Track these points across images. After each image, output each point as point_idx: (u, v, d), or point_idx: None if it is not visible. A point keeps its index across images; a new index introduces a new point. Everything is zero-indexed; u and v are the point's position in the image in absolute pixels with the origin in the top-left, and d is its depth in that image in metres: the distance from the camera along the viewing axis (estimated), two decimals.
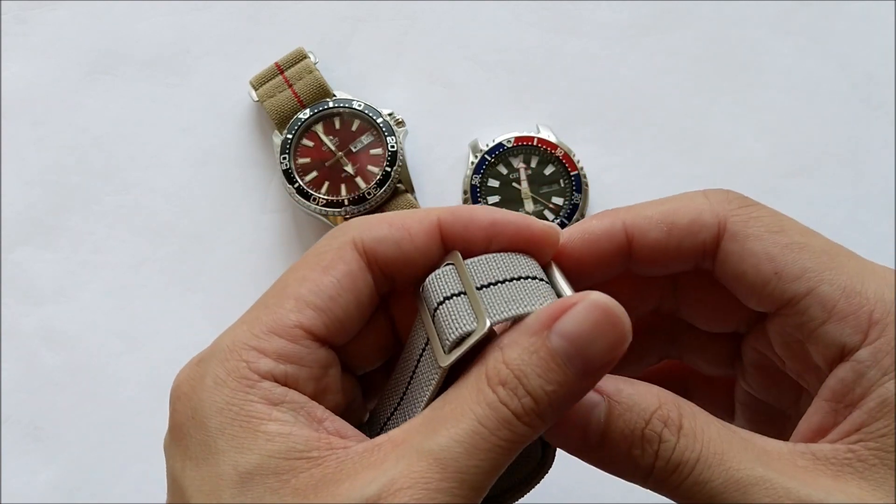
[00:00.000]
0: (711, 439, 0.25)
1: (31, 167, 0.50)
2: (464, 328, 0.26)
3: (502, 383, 0.24)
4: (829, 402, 0.26)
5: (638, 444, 0.25)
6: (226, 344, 0.26)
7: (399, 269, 0.28)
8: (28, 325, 0.49)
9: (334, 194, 0.47)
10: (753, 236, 0.27)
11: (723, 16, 0.51)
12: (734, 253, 0.28)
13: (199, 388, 0.26)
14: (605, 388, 0.26)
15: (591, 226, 0.29)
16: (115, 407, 0.48)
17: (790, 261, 0.27)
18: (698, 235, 0.28)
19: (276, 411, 0.25)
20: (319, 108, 0.48)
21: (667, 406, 0.26)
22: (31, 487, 0.47)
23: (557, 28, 0.51)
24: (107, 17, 0.51)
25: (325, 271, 0.27)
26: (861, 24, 0.51)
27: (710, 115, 0.51)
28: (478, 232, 0.28)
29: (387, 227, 0.28)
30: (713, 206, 0.28)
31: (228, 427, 0.25)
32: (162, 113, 0.51)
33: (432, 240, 0.28)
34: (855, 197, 0.50)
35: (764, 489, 0.24)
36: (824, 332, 0.26)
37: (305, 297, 0.26)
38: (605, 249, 0.29)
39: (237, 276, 0.49)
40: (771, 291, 0.27)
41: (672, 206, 0.29)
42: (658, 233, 0.28)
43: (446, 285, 0.27)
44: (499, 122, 0.50)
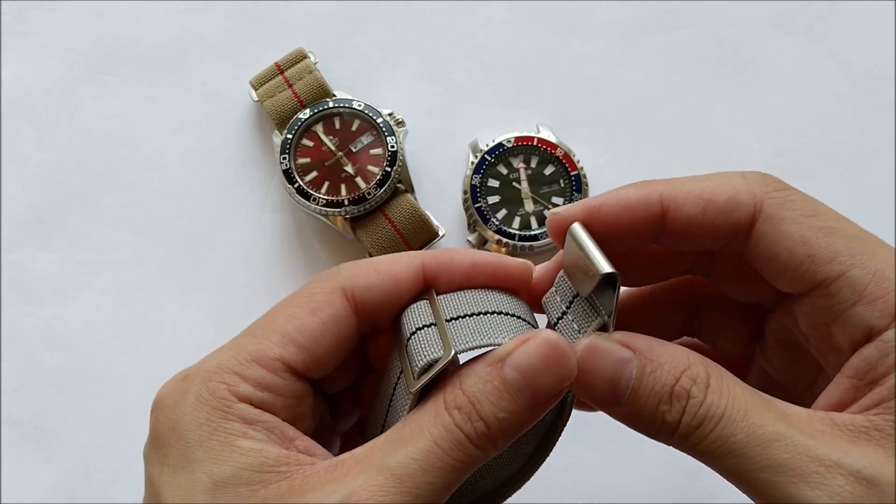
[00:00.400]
0: (736, 397, 0.26)
1: (31, 167, 0.50)
2: (431, 356, 0.27)
3: (458, 408, 0.26)
4: (851, 379, 0.27)
5: (667, 400, 0.26)
6: (211, 366, 0.28)
7: (385, 312, 0.30)
8: (28, 325, 0.49)
9: (334, 194, 0.47)
10: (789, 219, 0.28)
11: (723, 16, 0.51)
12: (769, 234, 0.28)
13: (181, 403, 0.28)
14: (638, 344, 0.27)
15: (627, 193, 0.29)
16: (115, 407, 0.48)
17: (823, 244, 0.27)
18: (733, 214, 0.29)
19: (250, 430, 0.27)
20: (319, 108, 0.48)
21: (696, 366, 0.27)
22: (31, 487, 0.47)
23: (557, 28, 0.51)
24: (107, 17, 0.52)
25: (313, 313, 0.29)
26: (861, 24, 0.51)
27: (710, 115, 0.51)
28: (458, 273, 0.30)
29: (375, 276, 0.30)
30: (750, 187, 0.29)
31: (206, 440, 0.27)
32: (162, 113, 0.51)
33: (417, 284, 0.30)
34: (855, 197, 0.50)
35: (783, 445, 0.25)
36: (853, 314, 0.27)
37: (291, 334, 0.29)
38: (638, 218, 0.29)
39: (237, 275, 0.49)
40: (803, 273, 0.28)
41: (710, 184, 0.29)
42: (694, 208, 0.29)
43: (418, 318, 0.29)
44: (499, 122, 0.50)
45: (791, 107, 0.51)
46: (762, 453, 0.25)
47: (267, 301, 0.34)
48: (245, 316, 0.33)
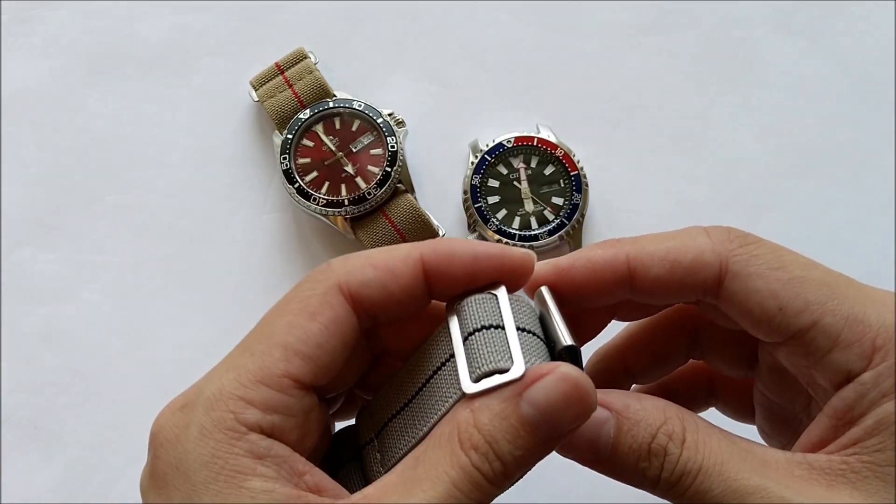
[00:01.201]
0: (712, 451, 0.27)
1: (31, 167, 0.50)
2: (498, 364, 0.26)
3: (475, 448, 0.25)
4: (831, 419, 0.28)
5: (645, 457, 0.27)
6: (211, 392, 0.26)
7: (384, 308, 0.28)
8: (28, 325, 0.49)
9: (334, 194, 0.47)
10: (755, 274, 0.28)
11: (723, 16, 0.51)
12: (738, 292, 0.28)
13: (183, 438, 0.26)
14: (614, 404, 0.27)
15: (594, 255, 0.30)
16: (115, 407, 0.48)
17: (793, 296, 0.28)
18: (700, 274, 0.29)
19: (260, 466, 0.25)
20: (319, 108, 0.48)
21: (672, 420, 0.27)
22: (31, 487, 0.47)
23: (557, 28, 0.51)
24: (107, 17, 0.52)
25: (313, 318, 0.27)
26: (861, 24, 0.51)
27: (710, 115, 0.51)
28: (460, 267, 0.28)
29: (371, 270, 0.28)
30: (714, 246, 0.29)
31: (213, 482, 0.25)
32: (162, 113, 0.51)
33: (416, 278, 0.28)
34: (855, 197, 0.50)
35: (759, 497, 0.26)
36: (830, 359, 0.28)
37: (294, 346, 0.27)
38: (607, 279, 0.30)
39: (237, 276, 0.49)
40: (777, 326, 0.28)
41: (675, 244, 0.29)
42: (660, 269, 0.29)
43: (486, 314, 0.28)
44: (499, 122, 0.50)
45: (791, 107, 0.51)
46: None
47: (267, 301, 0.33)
48: (245, 316, 0.33)
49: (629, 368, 0.35)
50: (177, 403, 0.28)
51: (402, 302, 0.28)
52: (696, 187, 0.50)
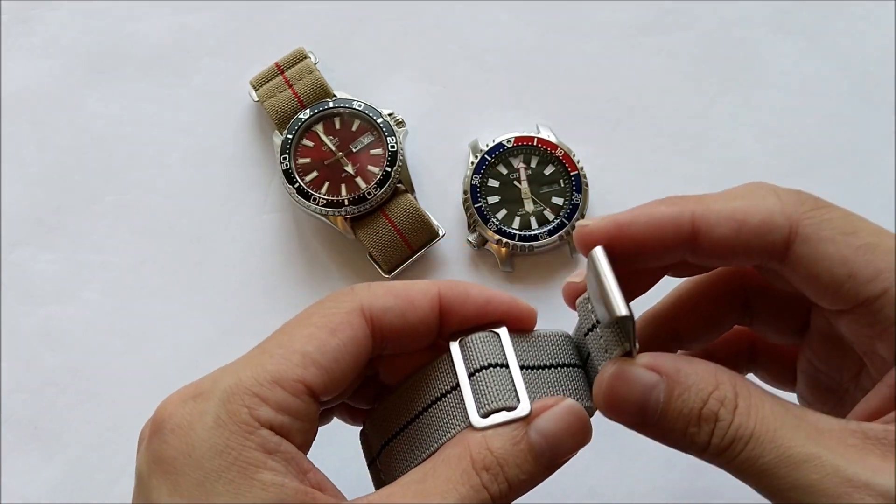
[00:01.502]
0: (765, 417, 0.26)
1: (31, 167, 0.50)
2: (504, 402, 0.28)
3: (486, 468, 0.27)
4: (891, 388, 0.27)
5: (695, 423, 0.27)
6: (228, 385, 0.27)
7: (399, 335, 0.30)
8: (28, 325, 0.49)
9: (334, 194, 0.47)
10: (827, 239, 0.27)
11: (723, 16, 0.51)
12: (807, 256, 0.28)
13: (197, 426, 0.27)
14: (665, 367, 0.27)
15: (658, 211, 0.29)
16: (115, 407, 0.48)
17: (863, 263, 0.27)
18: (768, 237, 0.28)
19: (270, 460, 0.26)
20: (319, 108, 0.48)
21: (724, 386, 0.27)
22: (31, 487, 0.47)
23: (557, 28, 0.51)
24: (107, 16, 0.52)
25: (333, 333, 0.28)
26: (861, 24, 0.51)
27: (710, 115, 0.51)
28: (473, 308, 0.30)
29: (393, 298, 0.29)
30: (785, 207, 0.28)
31: (226, 471, 0.26)
32: (162, 113, 0.51)
33: (432, 311, 0.30)
34: (855, 197, 0.50)
35: (813, 465, 0.25)
36: (891, 333, 0.27)
37: (312, 355, 0.28)
38: (668, 237, 0.29)
39: (237, 276, 0.49)
40: (845, 293, 0.27)
41: (743, 203, 0.28)
42: (726, 229, 0.28)
43: (490, 352, 0.30)
44: (499, 122, 0.50)
45: (791, 107, 0.51)
46: (791, 474, 0.25)
47: (267, 301, 0.34)
48: (245, 316, 0.33)
49: (677, 332, 0.35)
50: (188, 393, 0.28)
51: (417, 332, 0.30)
52: (696, 187, 0.50)
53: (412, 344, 0.31)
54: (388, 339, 0.30)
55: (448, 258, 0.49)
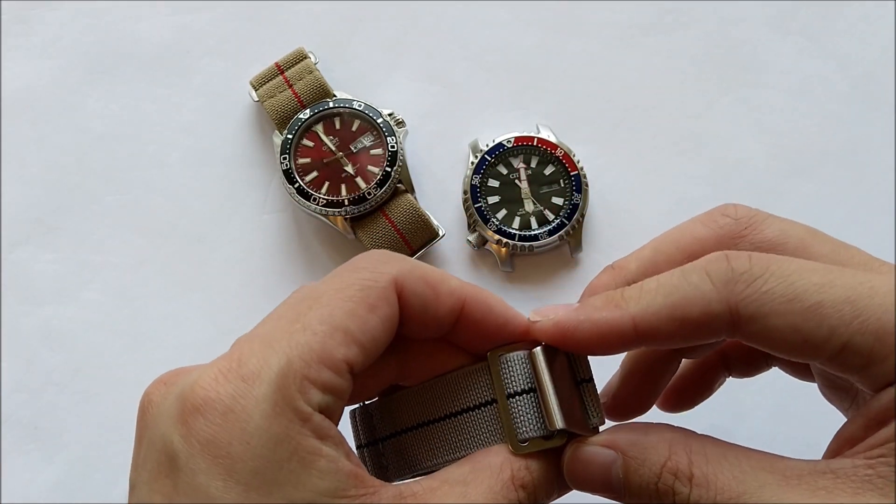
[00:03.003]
0: (726, 483, 0.26)
1: (31, 167, 0.50)
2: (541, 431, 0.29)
3: (523, 486, 0.28)
4: (864, 418, 0.27)
5: (655, 497, 0.27)
6: (280, 367, 0.26)
7: (412, 322, 0.29)
8: (28, 325, 0.49)
9: (334, 194, 0.47)
10: (770, 314, 0.27)
11: (723, 16, 0.51)
12: (757, 332, 0.27)
13: (252, 411, 0.25)
14: (619, 442, 0.28)
15: (599, 317, 0.29)
16: (115, 407, 0.48)
17: (814, 326, 0.27)
18: (712, 325, 0.28)
19: (324, 447, 0.26)
20: (319, 108, 0.48)
21: (676, 455, 0.27)
22: (31, 487, 0.47)
23: (557, 28, 0.51)
24: (107, 17, 0.52)
25: (372, 310, 0.27)
26: (861, 24, 0.51)
27: (710, 115, 0.51)
28: (493, 325, 0.30)
29: (423, 285, 0.29)
30: (720, 293, 0.28)
31: (287, 462, 0.25)
32: (162, 113, 0.51)
33: (452, 314, 0.29)
34: (855, 197, 0.50)
35: None
36: (866, 373, 0.27)
37: (354, 333, 0.27)
38: (614, 341, 0.29)
39: (237, 276, 0.49)
40: (807, 354, 0.27)
41: (678, 298, 0.28)
42: (669, 328, 0.28)
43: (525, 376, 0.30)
44: (499, 122, 0.50)
45: (791, 107, 0.51)
46: None
47: (266, 302, 0.33)
48: (245, 316, 0.33)
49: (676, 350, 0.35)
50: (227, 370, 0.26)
51: (429, 326, 0.30)
52: (696, 187, 0.50)
53: (419, 332, 0.30)
54: (402, 321, 0.29)
55: (448, 258, 0.49)
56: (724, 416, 0.47)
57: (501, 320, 0.30)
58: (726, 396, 0.48)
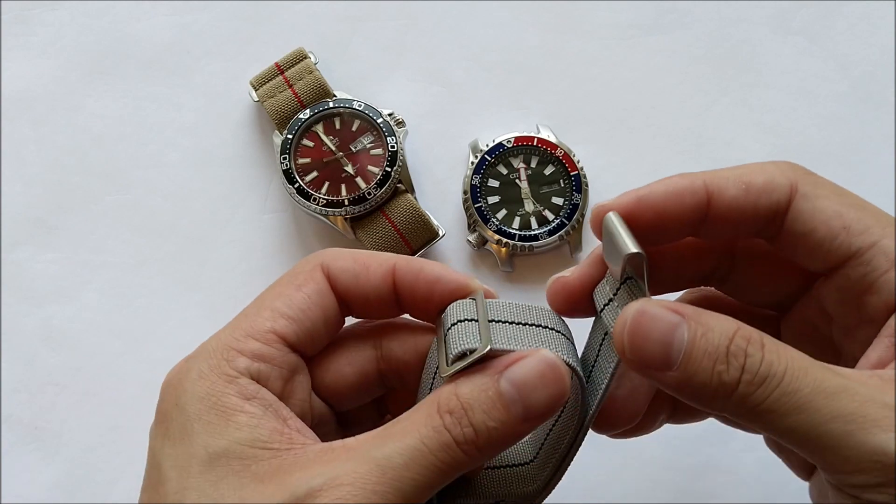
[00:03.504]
0: (793, 355, 0.27)
1: (31, 167, 0.50)
2: (467, 345, 0.29)
3: (450, 412, 0.27)
4: (890, 338, 0.28)
5: (723, 360, 0.26)
6: (211, 345, 0.30)
7: (353, 298, 0.32)
8: (28, 325, 0.49)
9: (334, 194, 0.47)
10: (823, 196, 0.30)
11: (723, 16, 0.51)
12: (806, 210, 0.30)
13: (184, 380, 0.30)
14: (686, 310, 0.27)
15: (672, 181, 0.31)
16: (114, 407, 0.48)
17: (856, 218, 0.29)
18: (773, 195, 0.30)
19: (248, 405, 0.29)
20: (319, 108, 0.48)
21: (746, 328, 0.27)
22: (31, 487, 0.47)
23: (557, 28, 0.51)
24: (107, 17, 0.52)
25: (298, 288, 0.31)
26: (861, 24, 0.51)
27: (710, 115, 0.51)
28: (424, 284, 0.32)
29: (351, 262, 0.32)
30: (784, 171, 0.30)
31: (205, 414, 0.28)
32: (162, 113, 0.51)
33: (385, 281, 0.32)
34: None
35: (849, 395, 0.26)
36: (887, 279, 0.28)
37: (280, 309, 0.31)
38: (685, 203, 0.30)
39: (237, 275, 0.49)
40: (839, 245, 0.29)
41: (747, 170, 0.31)
42: (736, 190, 0.30)
43: (462, 311, 0.30)
44: (499, 122, 0.50)
45: (791, 107, 0.51)
46: (830, 405, 0.26)
47: None
48: None
49: None
50: (184, 358, 0.31)
51: (370, 296, 0.32)
52: None
53: (372, 311, 0.33)
54: (345, 298, 0.32)
55: (448, 258, 0.49)
56: None
57: (432, 277, 0.31)
58: None
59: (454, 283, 0.31)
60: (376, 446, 0.27)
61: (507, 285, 0.49)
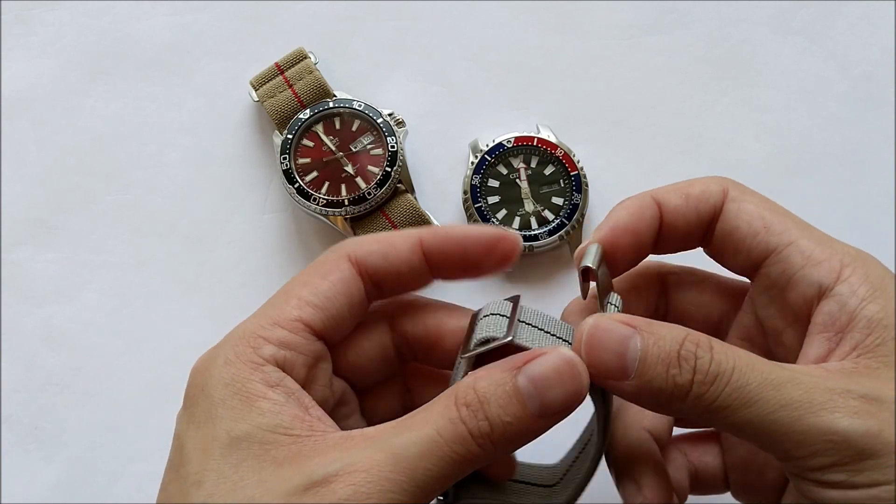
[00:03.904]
0: (740, 354, 0.29)
1: (31, 167, 0.50)
2: (491, 333, 0.30)
3: (467, 405, 0.28)
4: (822, 335, 0.30)
5: (675, 364, 0.28)
6: (238, 333, 0.31)
7: (385, 276, 0.33)
8: (28, 325, 0.49)
9: (334, 194, 0.47)
10: (749, 200, 0.33)
11: (723, 16, 0.51)
12: (732, 210, 0.33)
13: (211, 366, 0.30)
14: (637, 321, 0.29)
15: (626, 203, 0.34)
16: (115, 407, 0.48)
17: (776, 220, 0.33)
18: (708, 200, 0.34)
19: (271, 392, 0.29)
20: (320, 108, 0.48)
21: (694, 333, 0.29)
22: (31, 487, 0.47)
23: (557, 28, 0.51)
24: (107, 17, 0.51)
25: (324, 277, 0.32)
26: (861, 24, 0.51)
27: (710, 115, 0.51)
28: (453, 244, 0.33)
29: (376, 244, 0.33)
30: (718, 181, 0.34)
31: (230, 399, 0.29)
32: (162, 113, 0.51)
33: (414, 253, 0.33)
34: (855, 197, 0.50)
35: (795, 384, 0.28)
36: (803, 275, 0.31)
37: (306, 297, 0.31)
38: (646, 217, 0.33)
39: (237, 275, 0.49)
40: (759, 243, 0.32)
41: (686, 183, 0.35)
42: (678, 199, 0.34)
43: (497, 307, 0.31)
44: (499, 122, 0.50)
45: (791, 107, 0.51)
46: (777, 395, 0.27)
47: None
48: (245, 316, 0.33)
49: None
50: (213, 347, 0.32)
51: (401, 271, 0.33)
52: None
53: (404, 284, 0.33)
54: (376, 279, 0.33)
55: None
56: None
57: (461, 235, 0.33)
58: None
59: (486, 234, 0.33)
60: (394, 435, 0.28)
61: (507, 285, 0.49)
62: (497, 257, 0.33)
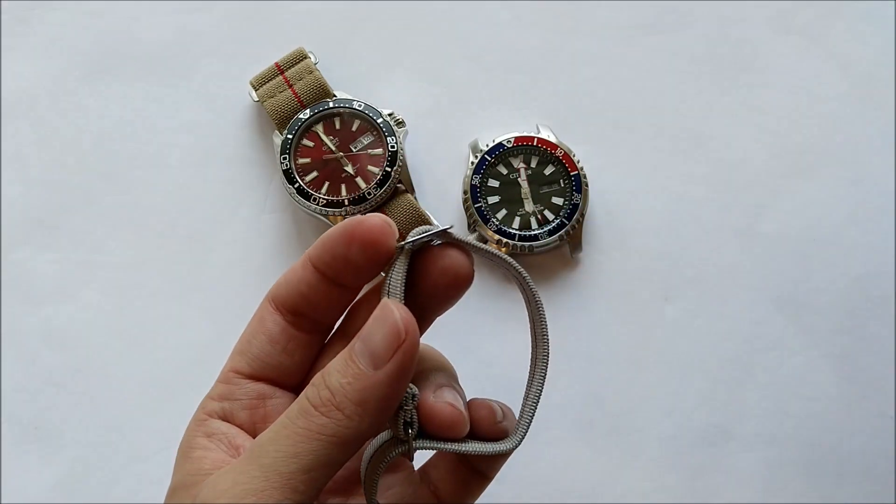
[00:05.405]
0: None
1: (31, 167, 0.50)
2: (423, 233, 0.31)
3: (312, 384, 0.29)
4: None
5: None
6: (203, 402, 0.34)
7: (295, 301, 0.33)
8: (28, 325, 0.49)
9: (334, 194, 0.47)
10: None
11: (723, 16, 0.51)
12: None
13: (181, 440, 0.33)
14: None
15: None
16: (115, 407, 0.48)
17: None
18: None
19: (207, 441, 0.32)
20: (320, 108, 0.48)
21: None
22: (31, 487, 0.47)
23: (557, 28, 0.51)
24: (107, 17, 0.52)
25: (248, 323, 0.34)
26: (861, 24, 0.51)
27: (710, 115, 0.51)
28: (326, 248, 0.32)
29: (283, 278, 0.34)
30: None
31: (179, 459, 0.32)
32: (162, 113, 0.51)
33: (306, 269, 0.32)
34: (855, 197, 0.50)
35: None
36: None
37: (235, 348, 0.34)
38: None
39: (237, 276, 0.49)
40: None
41: None
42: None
43: None
44: (499, 122, 0.50)
45: (791, 107, 0.51)
46: None
47: None
48: (245, 316, 0.33)
49: None
50: None
51: (303, 291, 0.32)
52: (695, 187, 0.50)
53: (317, 301, 0.33)
54: (289, 305, 0.33)
55: None
56: (725, 415, 0.47)
57: (338, 233, 0.32)
58: (727, 396, 0.48)
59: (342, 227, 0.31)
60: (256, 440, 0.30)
61: (507, 285, 0.49)
62: (359, 245, 0.30)
